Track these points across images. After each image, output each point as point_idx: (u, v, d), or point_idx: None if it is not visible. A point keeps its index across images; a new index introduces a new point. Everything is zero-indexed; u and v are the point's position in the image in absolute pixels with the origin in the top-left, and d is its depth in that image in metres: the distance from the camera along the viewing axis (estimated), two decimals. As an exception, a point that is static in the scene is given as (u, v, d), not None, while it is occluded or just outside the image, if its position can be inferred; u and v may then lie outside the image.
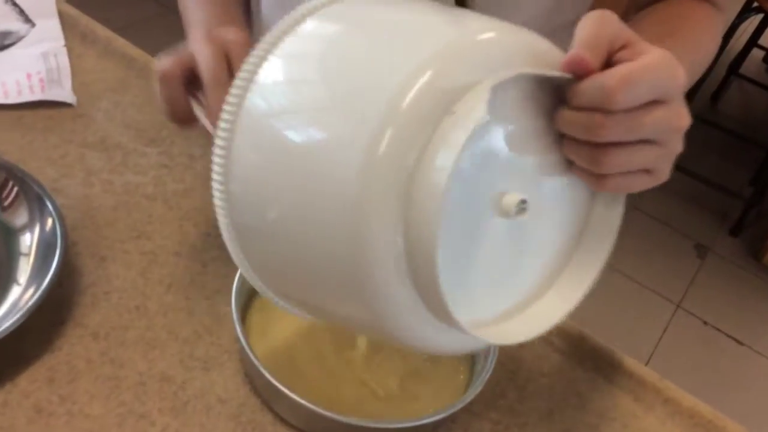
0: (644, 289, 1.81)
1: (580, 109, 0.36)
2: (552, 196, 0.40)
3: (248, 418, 0.50)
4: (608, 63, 0.36)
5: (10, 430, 0.46)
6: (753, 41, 2.39)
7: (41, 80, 0.70)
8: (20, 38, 0.74)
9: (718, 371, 1.68)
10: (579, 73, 0.36)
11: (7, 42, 0.74)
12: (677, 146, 0.39)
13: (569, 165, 0.39)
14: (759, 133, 2.32)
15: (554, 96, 0.37)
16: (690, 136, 0.39)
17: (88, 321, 0.53)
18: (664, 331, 1.74)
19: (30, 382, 0.48)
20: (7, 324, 0.47)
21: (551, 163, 0.39)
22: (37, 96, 0.69)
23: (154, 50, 0.79)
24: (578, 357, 0.59)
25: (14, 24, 0.76)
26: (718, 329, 1.77)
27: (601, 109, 0.35)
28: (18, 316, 0.47)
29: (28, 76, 0.70)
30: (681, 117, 0.38)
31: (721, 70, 2.43)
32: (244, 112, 0.38)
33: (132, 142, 0.68)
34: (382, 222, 0.34)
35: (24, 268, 0.52)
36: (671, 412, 0.56)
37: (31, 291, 0.50)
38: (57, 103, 0.69)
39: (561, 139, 0.38)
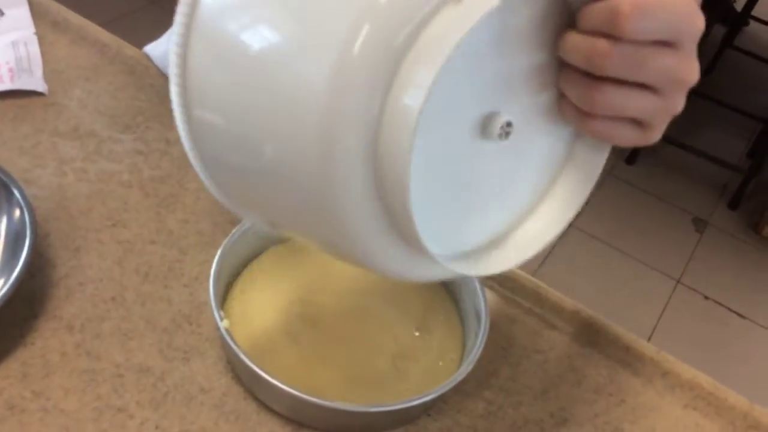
0: (643, 265, 1.79)
1: (586, 33, 0.33)
2: (538, 131, 0.37)
3: (231, 407, 0.48)
4: None
5: (-20, 428, 0.44)
6: (746, 12, 2.36)
7: (10, 69, 0.68)
8: (-12, 27, 0.72)
9: (721, 345, 1.66)
10: None
11: (-26, 32, 0.71)
12: (677, 103, 0.36)
13: (560, 102, 0.37)
14: (754, 105, 2.30)
15: (563, 27, 0.35)
16: (685, 109, 0.37)
17: (62, 313, 0.51)
18: (665, 307, 1.72)
19: (2, 377, 0.47)
20: (-25, 319, 0.45)
21: (543, 99, 0.37)
22: (7, 85, 0.66)
23: (141, 44, 0.77)
24: (573, 332, 0.57)
25: (-18, 13, 0.74)
26: (719, 303, 1.76)
27: (608, 35, 0.33)
28: (-13, 310, 0.45)
29: (-3, 65, 0.68)
30: (689, 69, 0.35)
31: (715, 43, 2.40)
32: (196, 25, 0.34)
33: (106, 130, 0.66)
34: (351, 138, 0.30)
35: (-8, 261, 0.50)
36: (670, 385, 0.55)
37: (0, 283, 0.48)
38: (28, 92, 0.67)
39: (558, 71, 0.36)
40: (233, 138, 0.34)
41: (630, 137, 0.36)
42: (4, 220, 0.52)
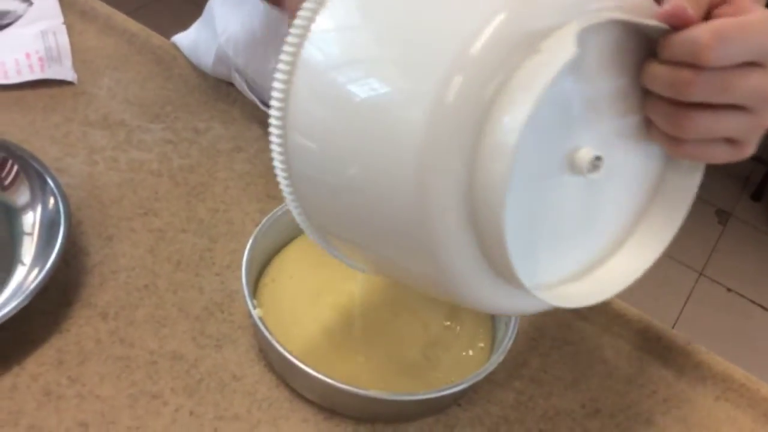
0: (666, 257, 1.77)
1: (668, 63, 0.33)
2: (627, 159, 0.38)
3: (264, 395, 0.48)
4: (707, 18, 0.34)
5: (19, 414, 0.44)
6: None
7: (40, 59, 0.68)
8: (18, 17, 0.73)
9: (744, 338, 1.65)
10: (676, 24, 0.33)
11: (4, 22, 0.72)
12: (767, 117, 0.36)
13: (648, 127, 0.37)
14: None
15: (642, 51, 0.35)
16: None
17: (96, 301, 0.51)
18: (687, 299, 1.71)
19: (38, 364, 0.47)
20: (12, 305, 0.45)
21: (629, 123, 0.37)
22: (37, 75, 0.67)
23: (168, 32, 0.77)
24: (603, 323, 0.57)
25: (11, 3, 0.74)
26: (742, 295, 1.74)
27: (691, 64, 0.33)
28: (23, 297, 0.46)
29: (27, 55, 0.69)
30: None
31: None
32: (301, 62, 0.35)
33: (135, 119, 0.66)
34: (448, 177, 0.31)
35: (28, 248, 0.51)
36: (702, 377, 0.54)
37: (35, 271, 0.49)
38: (58, 82, 0.68)
39: (643, 98, 0.36)
40: (330, 174, 0.36)
41: (723, 156, 0.36)
42: (39, 208, 0.52)
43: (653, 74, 0.34)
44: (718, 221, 1.93)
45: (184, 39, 0.75)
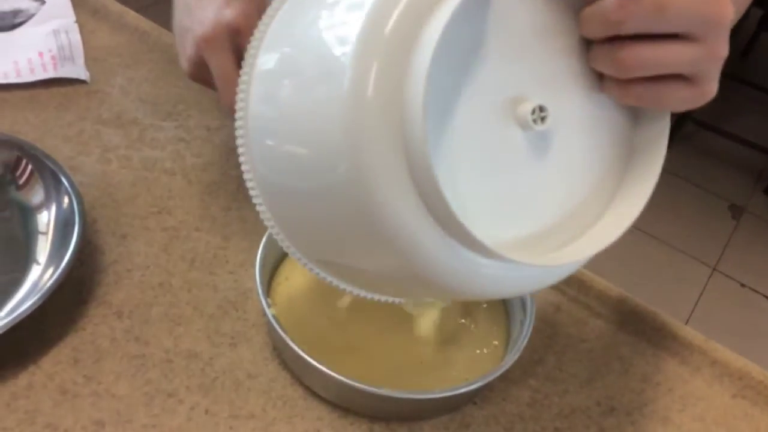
0: (678, 252, 1.77)
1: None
2: (584, 112, 0.37)
3: (278, 393, 0.48)
4: None
5: (35, 413, 0.45)
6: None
7: (53, 57, 0.69)
8: (30, 16, 0.73)
9: (758, 333, 1.64)
10: None
11: (17, 20, 0.72)
12: (720, 46, 0.33)
13: (598, 79, 0.36)
14: (792, 89, 2.25)
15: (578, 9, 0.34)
16: (720, 93, 0.35)
17: (111, 299, 0.51)
18: (701, 295, 1.70)
19: (54, 363, 0.47)
20: (28, 304, 0.46)
21: (579, 77, 0.36)
22: (50, 74, 0.67)
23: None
24: (619, 320, 0.56)
25: (24, 2, 0.74)
26: (756, 291, 1.73)
27: None
28: (39, 296, 0.46)
29: (40, 54, 0.69)
30: (720, 6, 0.32)
31: (751, 26, 2.35)
32: (255, 72, 0.38)
33: (148, 117, 0.66)
34: (377, 141, 0.31)
35: (43, 247, 0.51)
36: (719, 374, 0.54)
37: (51, 270, 0.49)
38: (70, 80, 0.68)
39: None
40: (282, 150, 0.37)
41: (680, 96, 0.34)
42: (54, 207, 0.52)
43: (584, 17, 0.33)
44: (731, 216, 1.92)
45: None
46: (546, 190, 0.38)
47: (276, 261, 0.54)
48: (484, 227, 0.33)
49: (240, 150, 0.39)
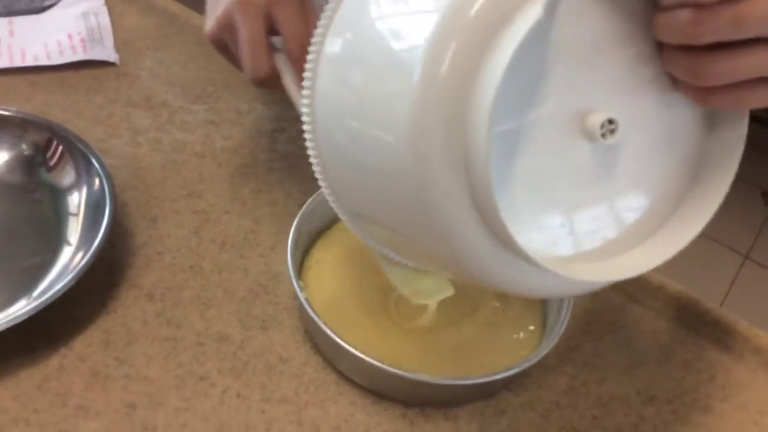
0: (710, 240, 1.74)
1: (671, 7, 0.31)
2: (656, 119, 0.35)
3: (311, 377, 0.47)
4: None
5: (67, 395, 0.44)
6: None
7: (82, 40, 0.68)
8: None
9: (791, 323, 1.61)
10: None
11: (47, 3, 0.72)
12: None
13: (673, 82, 0.34)
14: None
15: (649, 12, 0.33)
16: None
17: (142, 282, 0.51)
18: (732, 283, 1.67)
19: (85, 345, 0.47)
20: (59, 286, 0.45)
21: (651, 80, 0.34)
22: (80, 56, 0.67)
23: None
24: (659, 307, 0.55)
25: (53, -15, 0.74)
26: (790, 280, 1.70)
27: (693, 4, 0.30)
28: (70, 277, 0.46)
29: (69, 36, 0.68)
30: None
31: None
32: (324, 53, 0.37)
33: (178, 100, 0.66)
34: (438, 145, 0.31)
35: (74, 229, 0.51)
36: (763, 362, 0.52)
37: (81, 252, 0.48)
38: (100, 63, 0.68)
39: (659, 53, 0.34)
40: (348, 144, 0.36)
41: (763, 97, 0.33)
42: (84, 189, 0.52)
43: (659, 23, 0.32)
44: (764, 203, 1.88)
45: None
46: (610, 204, 0.36)
47: (307, 244, 0.53)
48: (541, 240, 0.33)
49: (304, 119, 0.39)
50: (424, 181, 0.31)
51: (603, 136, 0.32)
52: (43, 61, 0.66)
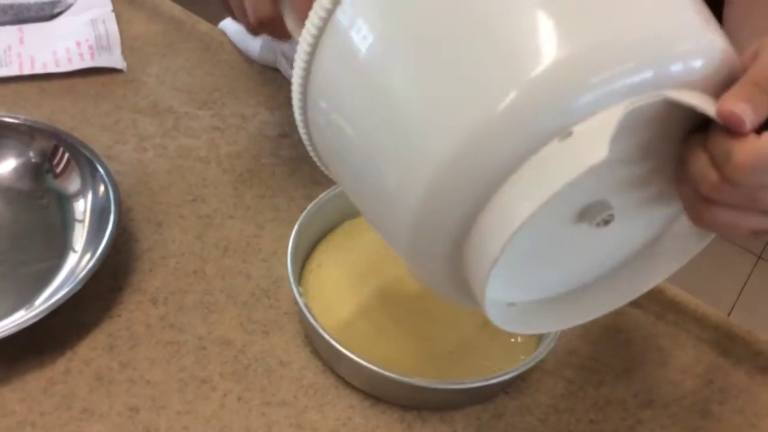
0: (722, 240, 1.73)
1: (706, 153, 0.31)
2: (639, 212, 0.37)
3: (310, 381, 0.48)
4: None
5: (72, 398, 0.45)
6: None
7: (90, 47, 0.69)
8: (68, 6, 0.74)
9: (805, 324, 1.59)
10: (731, 129, 0.30)
11: (56, 11, 0.73)
12: None
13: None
14: None
15: (693, 118, 0.32)
16: None
17: (146, 286, 0.52)
18: (745, 283, 1.66)
19: (90, 349, 0.48)
20: (64, 291, 0.46)
21: (650, 189, 0.35)
22: (87, 63, 0.68)
23: (213, 19, 0.77)
24: (657, 311, 0.55)
25: (62, -8, 0.75)
26: (804, 280, 1.68)
27: (721, 173, 0.30)
28: (75, 283, 0.47)
29: (78, 43, 0.70)
30: None
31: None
32: (331, 27, 0.34)
33: (183, 106, 0.67)
34: (442, 231, 0.32)
35: (79, 235, 0.52)
36: (762, 366, 0.52)
37: (87, 257, 0.49)
38: (107, 70, 0.69)
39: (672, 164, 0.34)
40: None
41: (744, 238, 0.34)
42: (90, 195, 0.53)
43: (689, 155, 0.32)
44: (778, 203, 1.87)
45: (230, 25, 0.75)
46: (575, 266, 0.38)
47: (308, 248, 0.54)
48: (508, 291, 0.36)
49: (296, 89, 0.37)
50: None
51: (597, 225, 0.33)
52: (52, 69, 0.67)
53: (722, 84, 0.31)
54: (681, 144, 0.33)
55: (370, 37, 0.33)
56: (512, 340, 0.50)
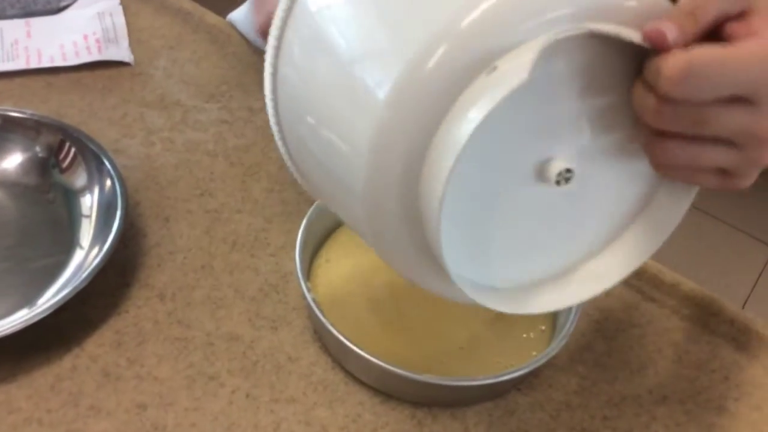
0: (736, 231, 1.71)
1: (646, 85, 0.31)
2: (612, 172, 0.36)
3: (319, 377, 0.48)
4: (716, 32, 0.31)
5: (79, 395, 0.45)
6: None
7: (98, 41, 0.69)
8: (75, 0, 0.73)
9: (821, 316, 1.57)
10: (656, 47, 0.30)
11: (62, 4, 0.73)
12: (762, 156, 0.32)
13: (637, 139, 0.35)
14: None
15: (638, 60, 0.32)
16: None
17: (153, 282, 0.52)
18: (760, 275, 1.64)
19: (97, 345, 0.48)
20: (71, 287, 0.46)
21: (615, 137, 0.35)
22: (95, 56, 0.67)
23: (221, 10, 0.77)
24: (673, 305, 0.54)
25: (69, -15, 0.75)
26: (819, 271, 1.66)
27: (659, 93, 0.30)
28: (82, 278, 0.46)
29: (85, 37, 0.69)
30: (765, 120, 0.31)
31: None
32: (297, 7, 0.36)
33: (191, 99, 0.66)
34: (398, 161, 0.31)
35: (86, 230, 0.51)
36: (779, 362, 0.51)
37: (94, 253, 0.49)
38: (115, 63, 0.68)
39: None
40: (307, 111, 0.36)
41: (715, 183, 0.33)
42: (96, 190, 0.53)
43: (633, 95, 0.32)
44: (793, 193, 1.85)
45: (238, 15, 0.75)
46: (560, 239, 0.38)
47: (317, 243, 0.53)
48: (494, 270, 0.35)
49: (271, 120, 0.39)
50: (377, 208, 0.33)
51: (558, 183, 0.33)
52: (59, 62, 0.67)
53: None
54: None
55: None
56: (524, 335, 0.50)
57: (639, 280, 0.55)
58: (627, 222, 0.38)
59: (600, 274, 0.38)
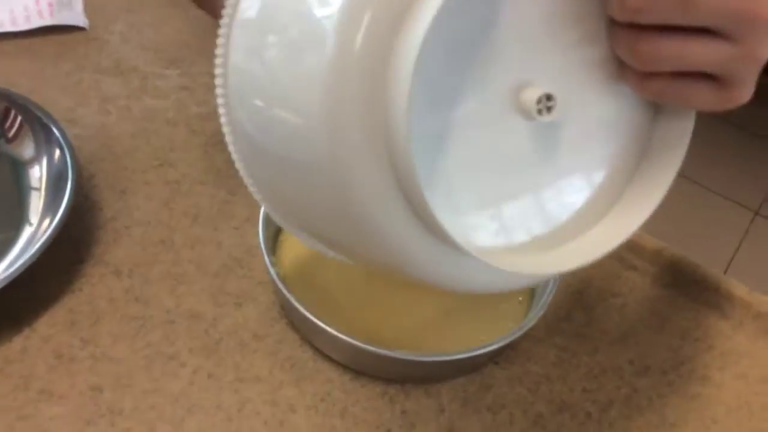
0: (717, 196, 1.70)
1: None
2: (600, 103, 0.33)
3: (286, 354, 0.45)
4: None
5: (30, 378, 0.42)
6: None
7: (50, 4, 0.65)
8: (26, -40, 0.69)
9: (801, 280, 1.58)
10: None
11: (12, -34, 0.68)
12: (757, 47, 0.28)
13: (618, 65, 0.31)
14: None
15: None
16: None
17: (109, 258, 0.49)
18: (741, 240, 1.64)
19: (49, 326, 0.45)
20: (20, 263, 0.43)
21: (597, 62, 0.32)
22: (47, 21, 0.64)
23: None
24: (654, 273, 0.52)
25: (19, -54, 0.70)
26: (800, 236, 1.66)
27: None
28: (32, 253, 0.43)
29: (36, 0, 0.65)
30: (757, 2, 0.27)
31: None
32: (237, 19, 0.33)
33: (150, 65, 0.63)
34: (358, 126, 0.27)
35: (36, 204, 0.48)
36: (763, 329, 0.50)
37: (44, 227, 0.46)
38: (68, 28, 0.64)
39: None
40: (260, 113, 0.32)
41: (705, 97, 0.30)
42: (45, 161, 0.49)
43: None
44: (775, 158, 1.84)
45: (199, -23, 0.71)
46: (550, 190, 0.34)
47: (283, 214, 0.50)
48: (474, 225, 0.31)
49: (219, 101, 0.36)
50: (342, 168, 0.28)
51: (539, 112, 0.29)
52: (8, 28, 0.63)
53: None
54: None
55: None
56: (500, 306, 0.47)
57: (619, 248, 0.53)
58: (625, 173, 0.35)
59: (591, 242, 0.35)
